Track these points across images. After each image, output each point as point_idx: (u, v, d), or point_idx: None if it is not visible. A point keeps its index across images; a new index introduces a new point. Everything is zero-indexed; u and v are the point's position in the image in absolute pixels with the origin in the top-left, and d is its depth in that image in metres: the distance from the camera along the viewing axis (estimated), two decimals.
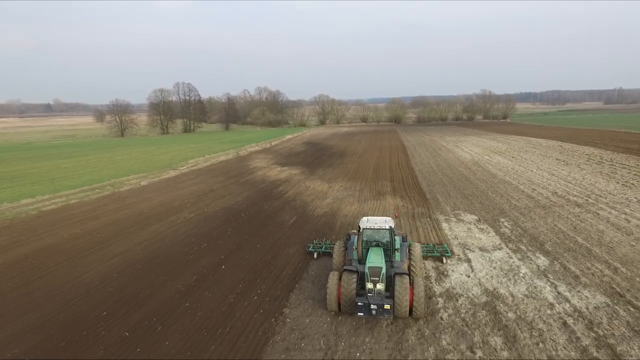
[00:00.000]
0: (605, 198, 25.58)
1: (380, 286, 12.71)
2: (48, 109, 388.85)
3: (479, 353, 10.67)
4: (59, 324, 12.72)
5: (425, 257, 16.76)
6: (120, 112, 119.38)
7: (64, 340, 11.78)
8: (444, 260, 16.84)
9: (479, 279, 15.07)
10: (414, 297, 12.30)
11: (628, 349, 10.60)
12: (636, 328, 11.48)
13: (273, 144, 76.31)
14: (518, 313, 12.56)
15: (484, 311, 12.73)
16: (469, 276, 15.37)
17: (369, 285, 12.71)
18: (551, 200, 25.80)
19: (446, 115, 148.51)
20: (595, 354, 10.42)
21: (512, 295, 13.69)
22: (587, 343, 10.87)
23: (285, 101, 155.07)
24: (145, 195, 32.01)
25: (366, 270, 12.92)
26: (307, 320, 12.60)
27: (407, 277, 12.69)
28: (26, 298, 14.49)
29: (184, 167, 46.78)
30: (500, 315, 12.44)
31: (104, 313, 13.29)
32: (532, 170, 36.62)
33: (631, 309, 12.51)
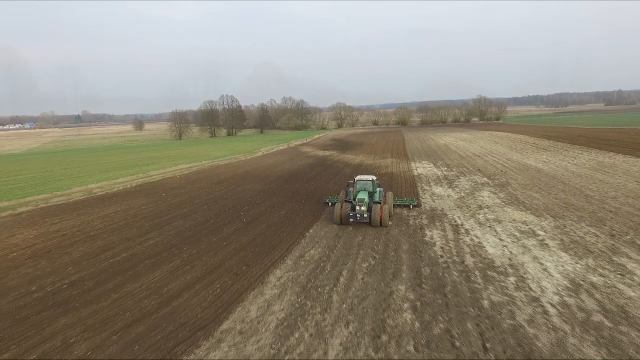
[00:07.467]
0: (493, 154, 52.07)
1: (363, 208, 21.48)
2: (78, 120, 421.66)
3: (406, 184, 37.65)
4: (280, 180, 39.81)
5: (397, 206, 25.94)
6: (179, 120, 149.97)
7: (287, 180, 38.91)
8: (410, 207, 25.42)
9: (418, 172, 42.01)
10: (383, 215, 21.32)
11: (457, 181, 37.34)
12: (470, 182, 38.15)
13: (308, 140, 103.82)
14: (425, 175, 39.51)
15: (415, 179, 39.59)
16: (414, 172, 42.21)
17: (357, 208, 21.64)
18: (468, 155, 52.40)
19: (446, 118, 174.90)
20: (443, 181, 37.35)
21: (426, 174, 40.64)
22: (442, 181, 37.72)
23: (307, 108, 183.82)
24: (256, 161, 59.60)
25: (356, 200, 21.97)
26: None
27: (379, 204, 21.55)
28: (261, 177, 41.82)
29: (260, 152, 74.34)
30: (419, 179, 39.26)
31: (303, 174, 40.76)
32: (472, 146, 63.24)
33: (468, 175, 39.11)
